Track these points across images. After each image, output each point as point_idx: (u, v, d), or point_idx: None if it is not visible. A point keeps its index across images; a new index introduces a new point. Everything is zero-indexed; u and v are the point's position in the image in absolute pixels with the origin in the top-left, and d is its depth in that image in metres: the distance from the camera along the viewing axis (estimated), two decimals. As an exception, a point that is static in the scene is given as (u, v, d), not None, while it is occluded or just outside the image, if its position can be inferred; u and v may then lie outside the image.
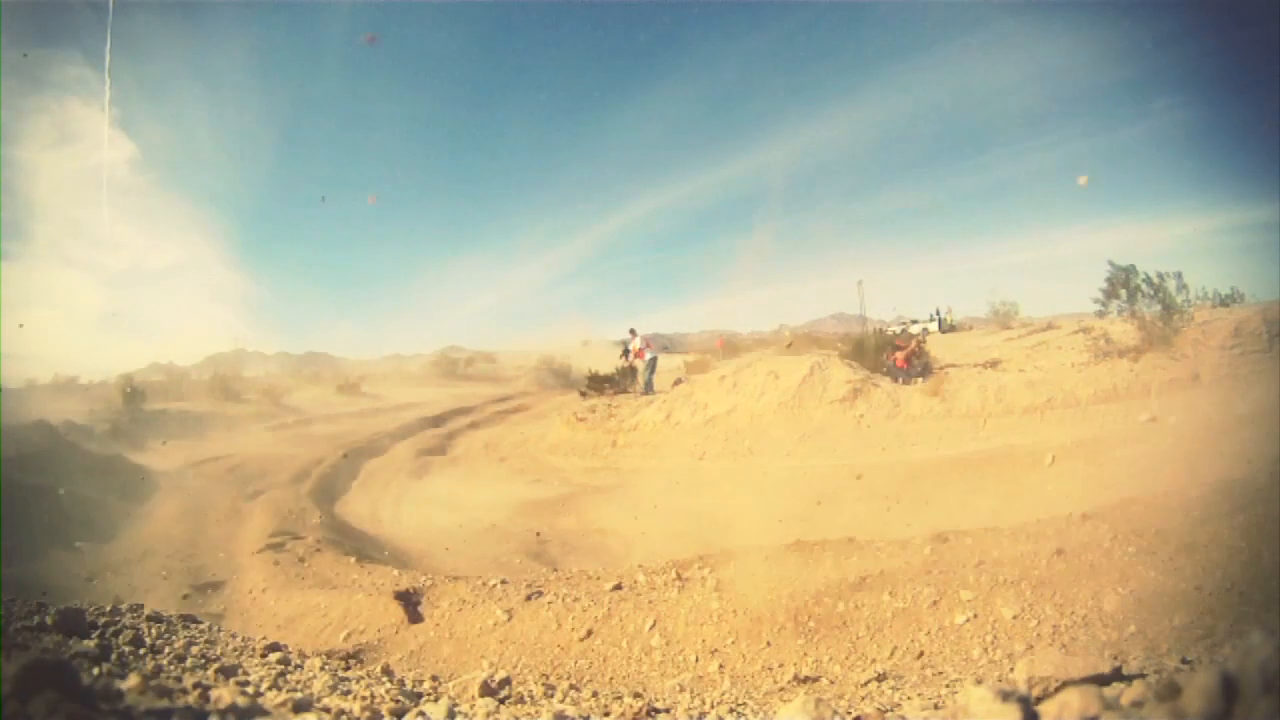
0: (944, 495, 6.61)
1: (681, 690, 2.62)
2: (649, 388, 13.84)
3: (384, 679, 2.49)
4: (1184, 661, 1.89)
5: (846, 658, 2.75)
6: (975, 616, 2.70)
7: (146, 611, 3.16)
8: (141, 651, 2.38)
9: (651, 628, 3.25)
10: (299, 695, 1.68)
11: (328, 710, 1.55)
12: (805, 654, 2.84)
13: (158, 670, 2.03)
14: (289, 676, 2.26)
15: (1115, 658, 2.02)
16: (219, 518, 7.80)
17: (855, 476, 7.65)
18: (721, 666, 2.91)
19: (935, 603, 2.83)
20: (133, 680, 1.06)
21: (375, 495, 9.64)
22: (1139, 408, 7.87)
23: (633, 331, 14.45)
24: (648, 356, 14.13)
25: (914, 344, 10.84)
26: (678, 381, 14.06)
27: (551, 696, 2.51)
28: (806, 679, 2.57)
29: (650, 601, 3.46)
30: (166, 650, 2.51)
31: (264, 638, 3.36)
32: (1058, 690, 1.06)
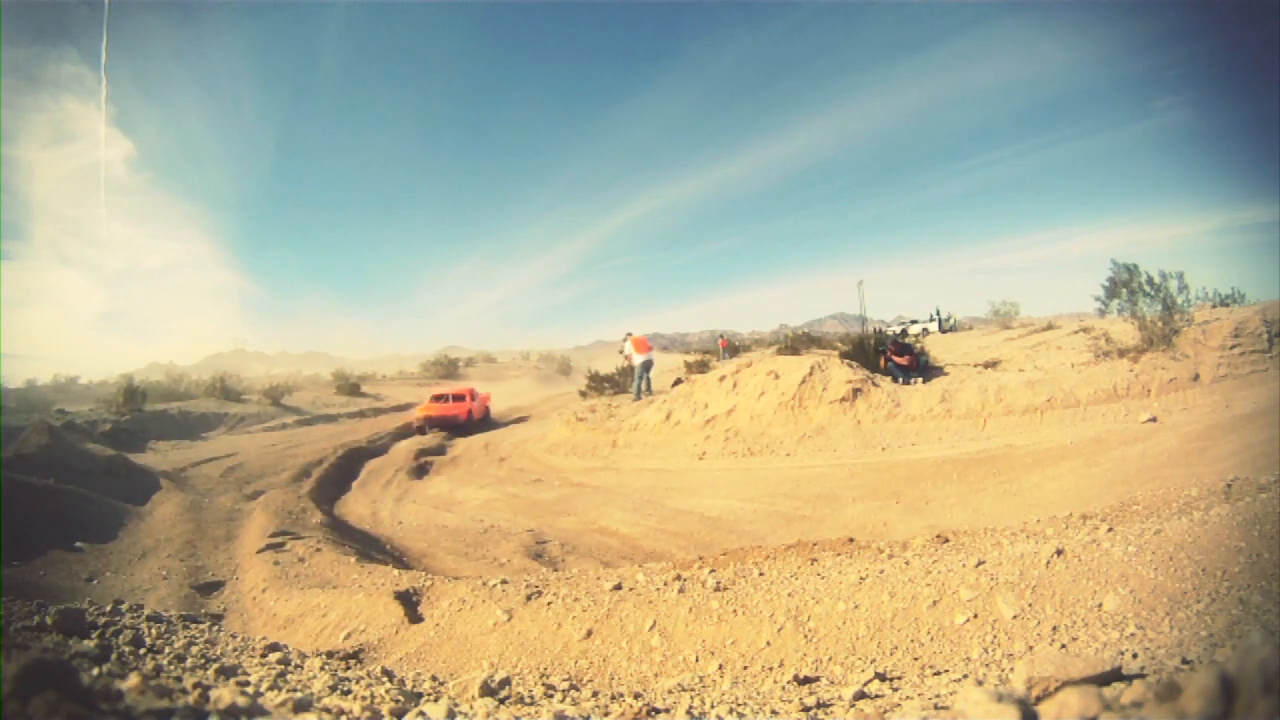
0: (944, 495, 6.61)
1: (682, 690, 2.62)
2: (639, 394, 13.60)
3: (384, 679, 2.49)
4: (1184, 661, 1.89)
5: (846, 658, 2.75)
6: (975, 616, 2.69)
7: (146, 611, 3.17)
8: (141, 651, 2.38)
9: (651, 628, 3.25)
10: (299, 695, 1.68)
11: (328, 710, 1.55)
12: (805, 654, 2.84)
13: (158, 670, 2.03)
14: (289, 676, 2.26)
15: (1115, 658, 2.02)
16: (219, 518, 7.80)
17: (855, 476, 7.65)
18: (721, 667, 2.91)
19: (935, 603, 2.83)
20: (133, 680, 1.06)
21: (375, 495, 9.65)
22: (1139, 408, 7.88)
23: (629, 335, 14.29)
24: (639, 360, 13.67)
25: (890, 343, 11.24)
26: (678, 381, 14.03)
27: (551, 697, 2.51)
28: (806, 679, 2.57)
29: (650, 601, 3.46)
30: (166, 650, 2.51)
31: (264, 638, 3.36)
32: (1057, 690, 1.06)
